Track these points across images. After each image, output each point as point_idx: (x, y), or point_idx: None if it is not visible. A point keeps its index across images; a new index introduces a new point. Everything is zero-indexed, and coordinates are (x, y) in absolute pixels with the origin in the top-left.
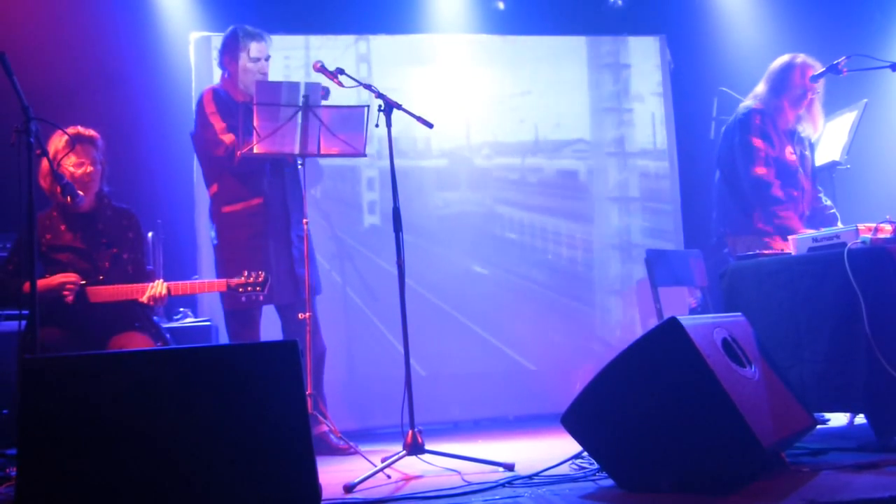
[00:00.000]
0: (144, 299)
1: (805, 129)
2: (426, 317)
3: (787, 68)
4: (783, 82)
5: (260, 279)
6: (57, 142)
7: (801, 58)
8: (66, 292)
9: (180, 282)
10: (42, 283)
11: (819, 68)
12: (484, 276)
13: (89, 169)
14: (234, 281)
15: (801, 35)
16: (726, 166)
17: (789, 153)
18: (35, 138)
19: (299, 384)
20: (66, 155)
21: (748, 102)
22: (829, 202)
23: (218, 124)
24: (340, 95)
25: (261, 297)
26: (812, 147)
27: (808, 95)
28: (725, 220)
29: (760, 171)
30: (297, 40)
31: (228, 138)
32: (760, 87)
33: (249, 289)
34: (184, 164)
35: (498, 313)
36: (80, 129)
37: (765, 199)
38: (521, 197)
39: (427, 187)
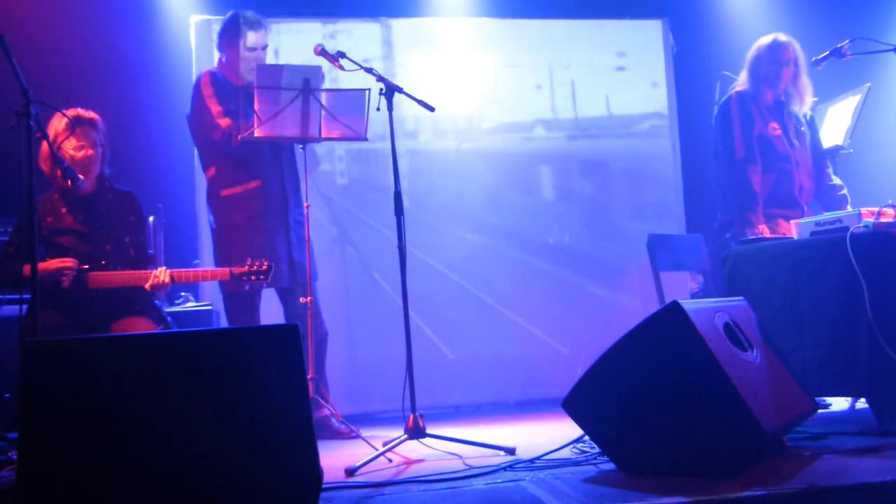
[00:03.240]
0: (147, 287)
1: (794, 104)
2: (427, 303)
3: (756, 52)
4: (756, 66)
5: (263, 267)
6: (57, 124)
7: (768, 39)
8: (63, 277)
9: (183, 269)
10: (40, 266)
11: (793, 43)
12: (486, 262)
13: (90, 152)
14: (238, 269)
15: (804, 18)
16: (717, 157)
17: (773, 128)
18: (35, 121)
19: (301, 368)
20: (67, 138)
21: (731, 90)
22: (838, 181)
23: (214, 108)
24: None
25: (264, 286)
26: (812, 124)
27: (782, 73)
28: (727, 210)
29: (739, 154)
30: (301, 26)
31: (225, 122)
32: (742, 73)
33: (253, 277)
34: (184, 149)
35: (501, 298)
36: (81, 111)
37: (740, 189)
38: (524, 180)
39: (443, 169)
